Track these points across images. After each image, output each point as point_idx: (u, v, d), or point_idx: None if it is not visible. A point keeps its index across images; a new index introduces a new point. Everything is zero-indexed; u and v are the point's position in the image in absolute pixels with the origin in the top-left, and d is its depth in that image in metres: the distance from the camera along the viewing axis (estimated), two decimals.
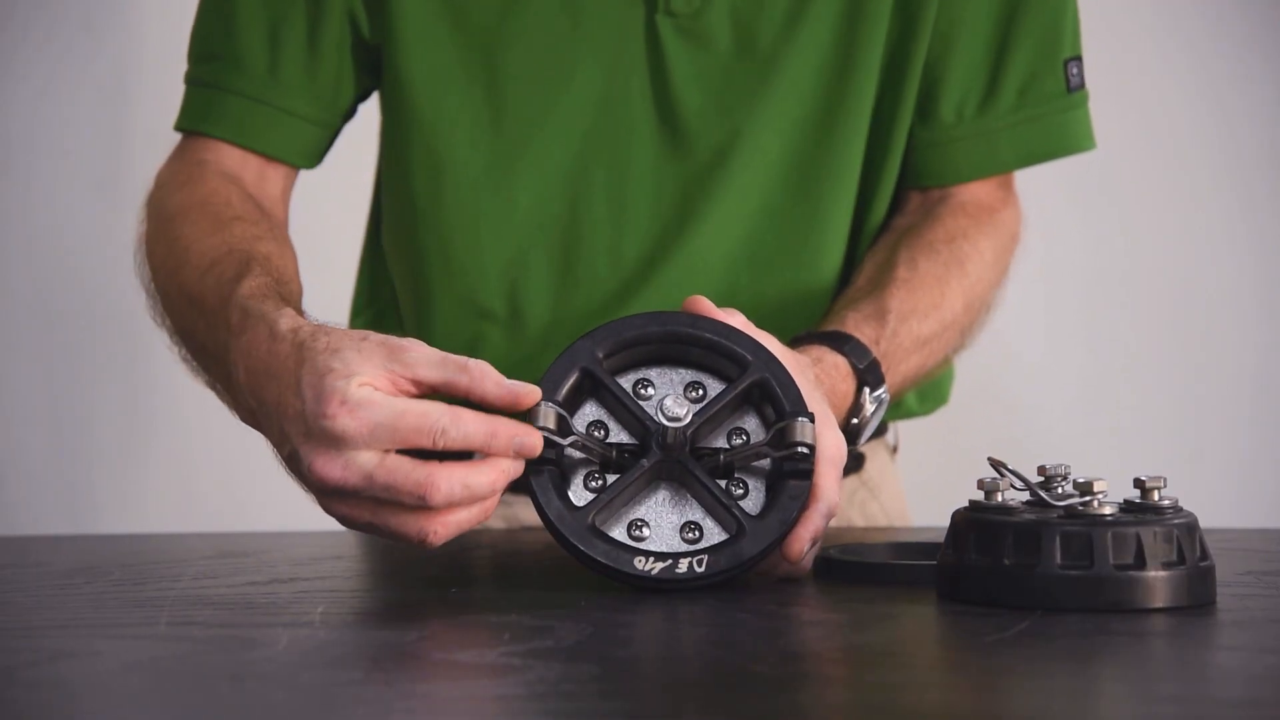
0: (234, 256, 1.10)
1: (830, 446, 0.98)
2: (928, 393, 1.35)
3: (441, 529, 0.93)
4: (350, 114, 1.29)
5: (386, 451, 0.92)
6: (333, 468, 0.92)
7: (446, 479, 0.91)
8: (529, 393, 0.93)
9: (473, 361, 0.93)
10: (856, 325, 1.16)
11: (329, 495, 0.94)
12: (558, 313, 1.26)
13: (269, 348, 0.97)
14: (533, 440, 0.93)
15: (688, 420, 0.96)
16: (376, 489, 0.91)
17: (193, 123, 1.26)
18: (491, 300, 1.26)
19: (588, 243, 1.25)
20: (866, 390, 1.13)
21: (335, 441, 0.91)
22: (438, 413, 0.91)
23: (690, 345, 0.99)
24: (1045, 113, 1.28)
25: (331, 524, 1.52)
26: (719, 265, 1.25)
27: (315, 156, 1.28)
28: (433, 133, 1.24)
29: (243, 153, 1.25)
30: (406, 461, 0.91)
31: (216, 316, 1.05)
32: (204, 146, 1.25)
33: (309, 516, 1.53)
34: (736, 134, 1.24)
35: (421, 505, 0.91)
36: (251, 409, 1.00)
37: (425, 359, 0.93)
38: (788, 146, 1.25)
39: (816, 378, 1.07)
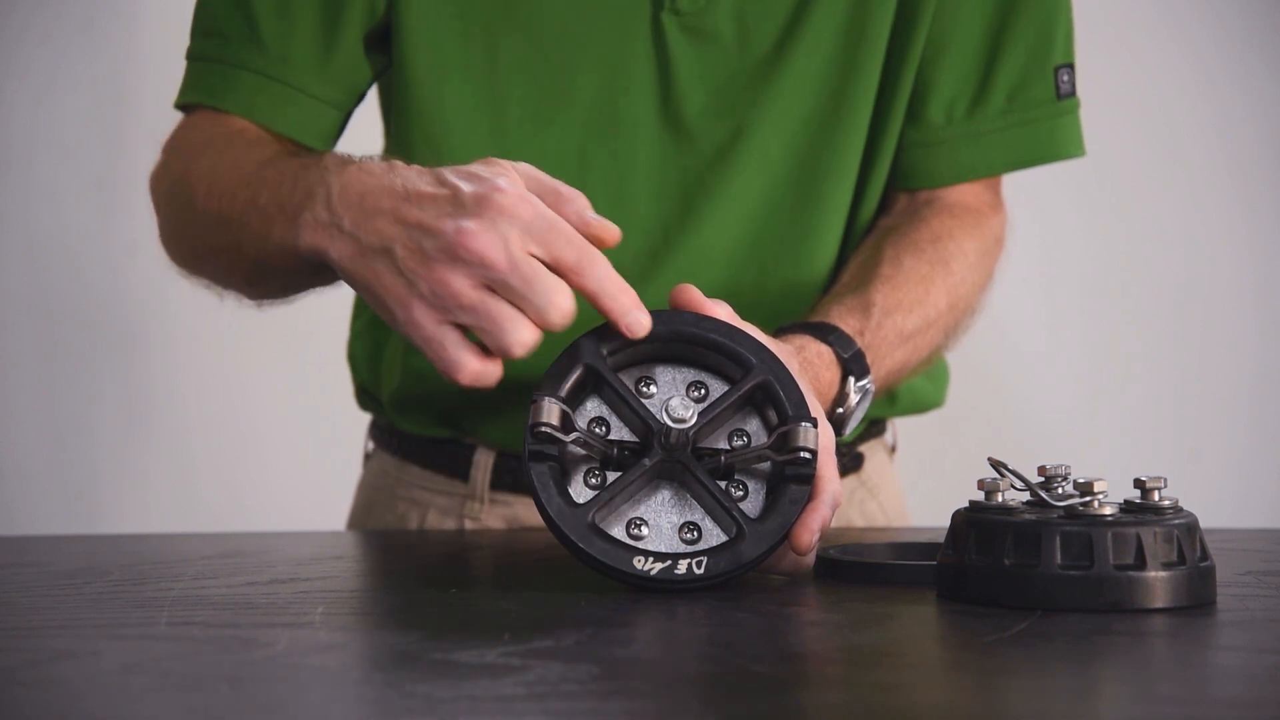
0: (297, 149, 1.14)
1: (822, 435, 0.98)
2: (920, 397, 1.35)
3: (531, 341, 0.94)
4: (363, 96, 1.27)
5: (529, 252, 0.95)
6: (484, 239, 0.94)
7: (573, 302, 0.95)
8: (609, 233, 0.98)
9: (568, 192, 0.98)
10: (840, 317, 1.16)
11: (453, 263, 0.95)
12: None
13: (386, 169, 1.01)
14: (646, 320, 0.96)
15: (693, 421, 0.96)
16: (515, 276, 0.94)
17: (202, 96, 1.23)
18: None
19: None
20: (851, 379, 1.13)
21: (495, 216, 0.95)
22: (584, 242, 0.95)
23: (695, 345, 0.98)
24: (1034, 118, 1.29)
25: (331, 524, 1.51)
26: (719, 262, 1.25)
27: (327, 138, 1.25)
28: (433, 123, 1.24)
29: (255, 127, 1.22)
30: (546, 270, 0.95)
31: (299, 173, 1.06)
32: (215, 118, 1.22)
33: (309, 516, 1.53)
34: (739, 132, 1.24)
35: (539, 316, 0.94)
36: (326, 221, 1.01)
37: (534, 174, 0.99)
38: (790, 145, 1.25)
39: (800, 366, 1.07)
